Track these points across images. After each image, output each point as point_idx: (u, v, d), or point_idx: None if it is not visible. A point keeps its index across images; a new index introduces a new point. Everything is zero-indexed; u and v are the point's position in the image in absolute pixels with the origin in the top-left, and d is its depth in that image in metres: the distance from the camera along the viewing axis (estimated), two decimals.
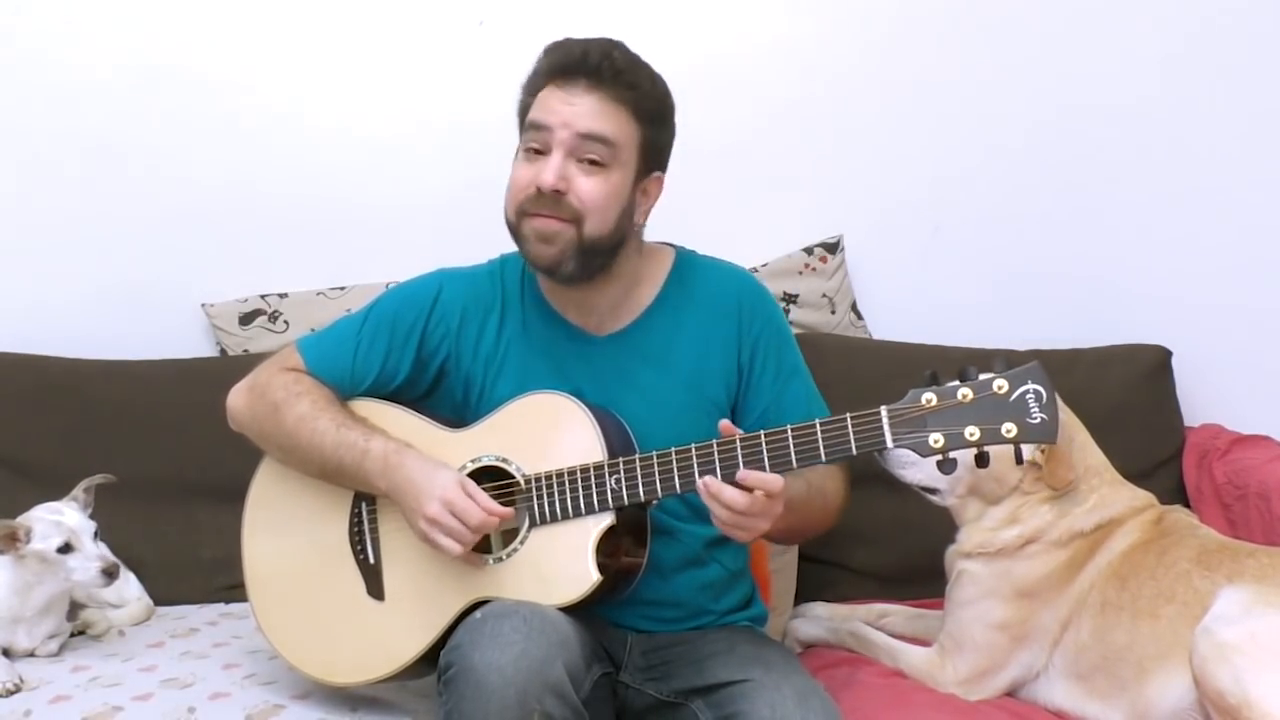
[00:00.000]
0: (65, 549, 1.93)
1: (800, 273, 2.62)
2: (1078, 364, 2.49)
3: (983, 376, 1.49)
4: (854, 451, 1.53)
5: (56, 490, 2.06)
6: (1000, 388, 1.48)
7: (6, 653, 1.95)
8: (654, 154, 1.74)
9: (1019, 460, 1.58)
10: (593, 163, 1.67)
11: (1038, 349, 2.51)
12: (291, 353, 1.82)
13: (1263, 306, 2.68)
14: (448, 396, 1.82)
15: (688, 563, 1.77)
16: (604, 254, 1.71)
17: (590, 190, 1.67)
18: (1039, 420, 1.46)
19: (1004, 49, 2.67)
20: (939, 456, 1.50)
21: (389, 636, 1.71)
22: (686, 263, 1.85)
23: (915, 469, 1.95)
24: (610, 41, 1.71)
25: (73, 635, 2.07)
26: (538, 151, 1.69)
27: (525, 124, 1.72)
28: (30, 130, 2.60)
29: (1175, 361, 2.54)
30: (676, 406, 1.75)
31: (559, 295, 1.80)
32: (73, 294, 2.59)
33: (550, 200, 1.67)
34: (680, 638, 1.76)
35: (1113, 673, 1.82)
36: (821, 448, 1.53)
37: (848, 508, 1.82)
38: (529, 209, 1.68)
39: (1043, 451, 1.89)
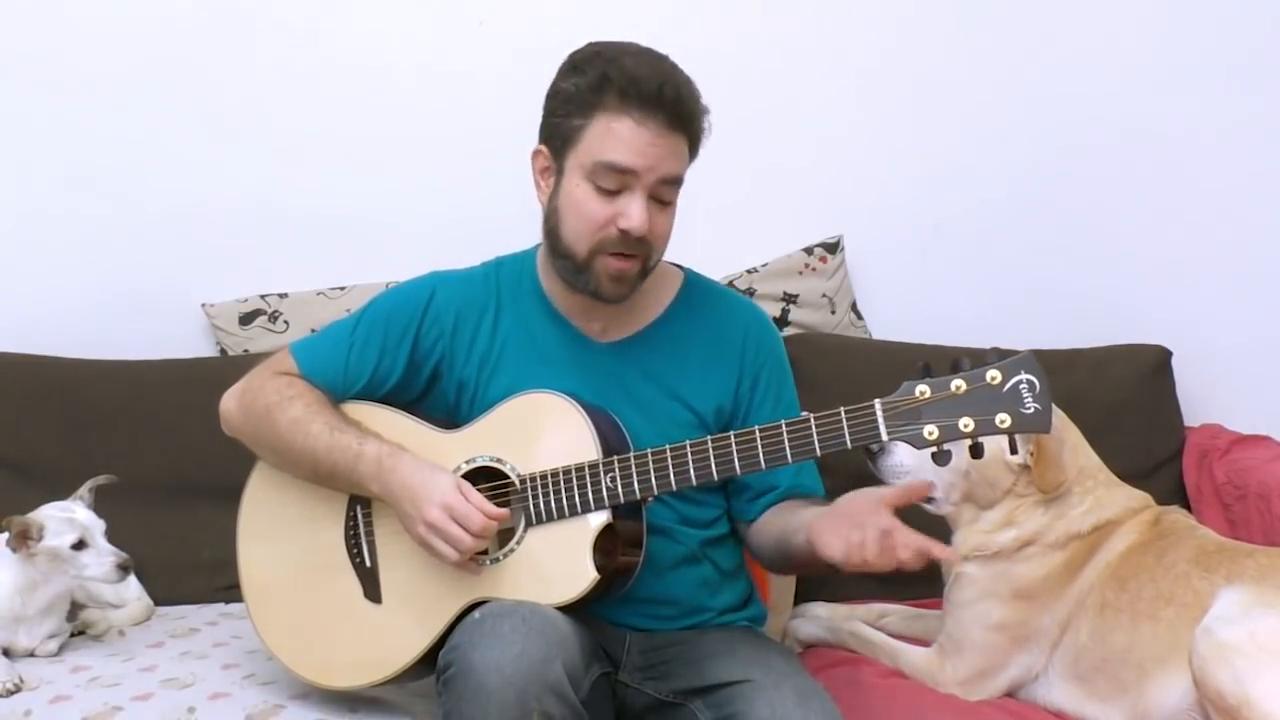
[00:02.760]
0: (79, 545, 1.94)
1: (800, 273, 2.62)
2: (1078, 364, 2.50)
3: (976, 368, 1.49)
4: (849, 444, 1.53)
5: (56, 490, 2.06)
6: (993, 378, 1.48)
7: (6, 653, 1.95)
8: (683, 174, 1.73)
9: (1013, 450, 1.58)
10: (665, 201, 1.69)
11: (1037, 349, 2.50)
12: (285, 356, 1.82)
13: (1263, 306, 2.68)
14: (441, 399, 1.82)
15: (683, 560, 1.77)
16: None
17: (663, 227, 1.70)
18: (1032, 410, 1.46)
19: (1004, 50, 2.67)
20: (934, 448, 1.50)
21: (386, 639, 1.71)
22: (695, 285, 1.86)
23: (909, 478, 1.95)
24: (672, 67, 1.67)
25: (73, 635, 2.07)
26: (612, 190, 1.65)
27: (594, 162, 1.64)
28: (30, 131, 2.60)
29: (1175, 361, 2.54)
30: (670, 421, 1.76)
31: (567, 299, 1.79)
32: (73, 294, 2.59)
33: (634, 243, 1.67)
34: (679, 637, 1.76)
35: (1112, 674, 1.82)
36: (816, 441, 1.53)
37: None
38: (607, 249, 1.68)
39: (1033, 454, 1.89)
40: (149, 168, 2.61)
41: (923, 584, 2.14)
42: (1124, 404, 2.45)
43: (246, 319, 2.58)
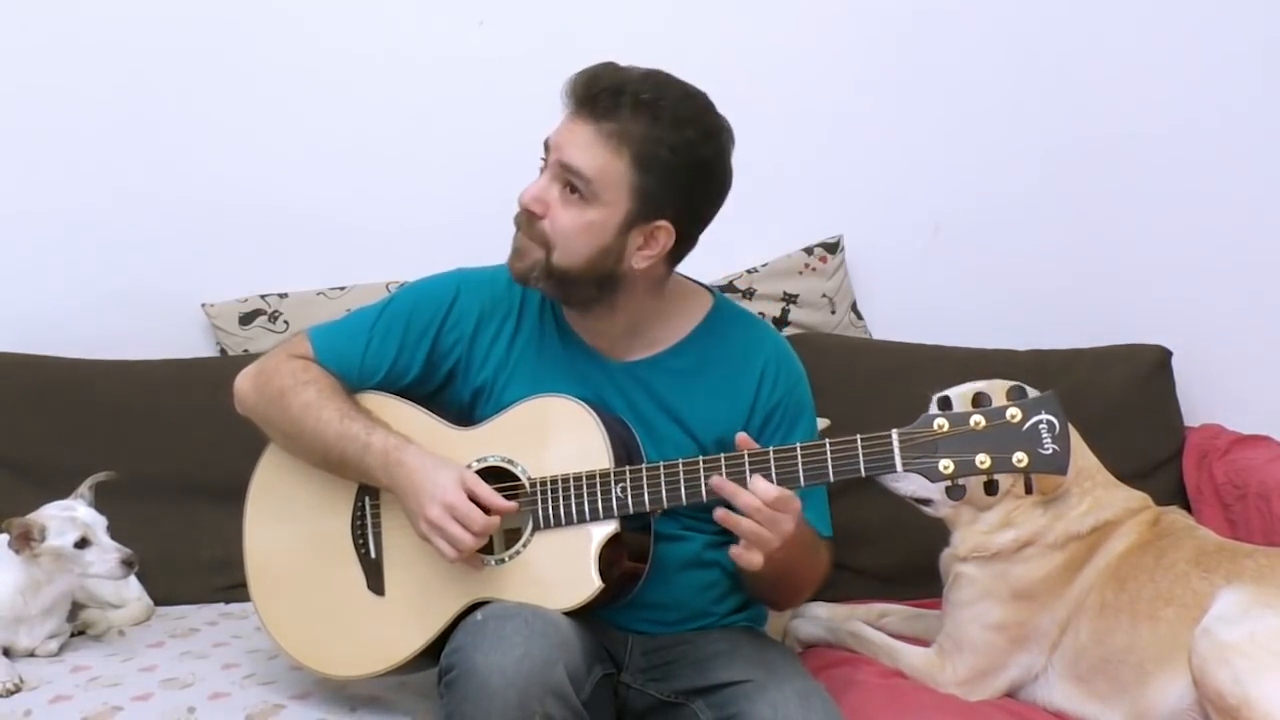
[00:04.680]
0: (82, 544, 1.94)
1: (800, 273, 2.62)
2: (1078, 364, 2.49)
3: (996, 404, 1.49)
4: (862, 473, 1.53)
5: (56, 490, 2.06)
6: (1013, 416, 1.47)
7: (7, 652, 1.95)
8: (653, 201, 1.63)
9: (1028, 490, 1.58)
10: (572, 190, 1.63)
11: (1037, 349, 2.52)
12: (302, 340, 1.81)
13: (1263, 306, 2.68)
14: (455, 398, 1.82)
15: (689, 565, 1.77)
16: (585, 286, 1.67)
17: (564, 220, 1.63)
18: (1051, 451, 1.46)
19: (1004, 49, 2.67)
20: (948, 483, 1.50)
21: (387, 632, 1.71)
22: (722, 312, 1.83)
23: (908, 481, 1.94)
24: (638, 74, 1.63)
25: (73, 635, 2.07)
26: (542, 170, 1.68)
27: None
28: (30, 130, 2.60)
29: (1175, 361, 2.54)
30: (675, 448, 1.73)
31: (571, 315, 1.79)
32: (73, 294, 2.59)
33: (525, 220, 1.67)
34: (681, 638, 1.76)
35: (1112, 674, 1.82)
36: (830, 467, 1.53)
37: (830, 575, 1.82)
38: (517, 222, 1.69)
39: None
40: (149, 167, 2.61)
41: (923, 584, 2.15)
42: (1124, 404, 2.45)
43: (246, 319, 2.58)
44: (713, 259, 2.16)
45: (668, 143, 1.61)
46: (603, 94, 1.60)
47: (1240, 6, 2.66)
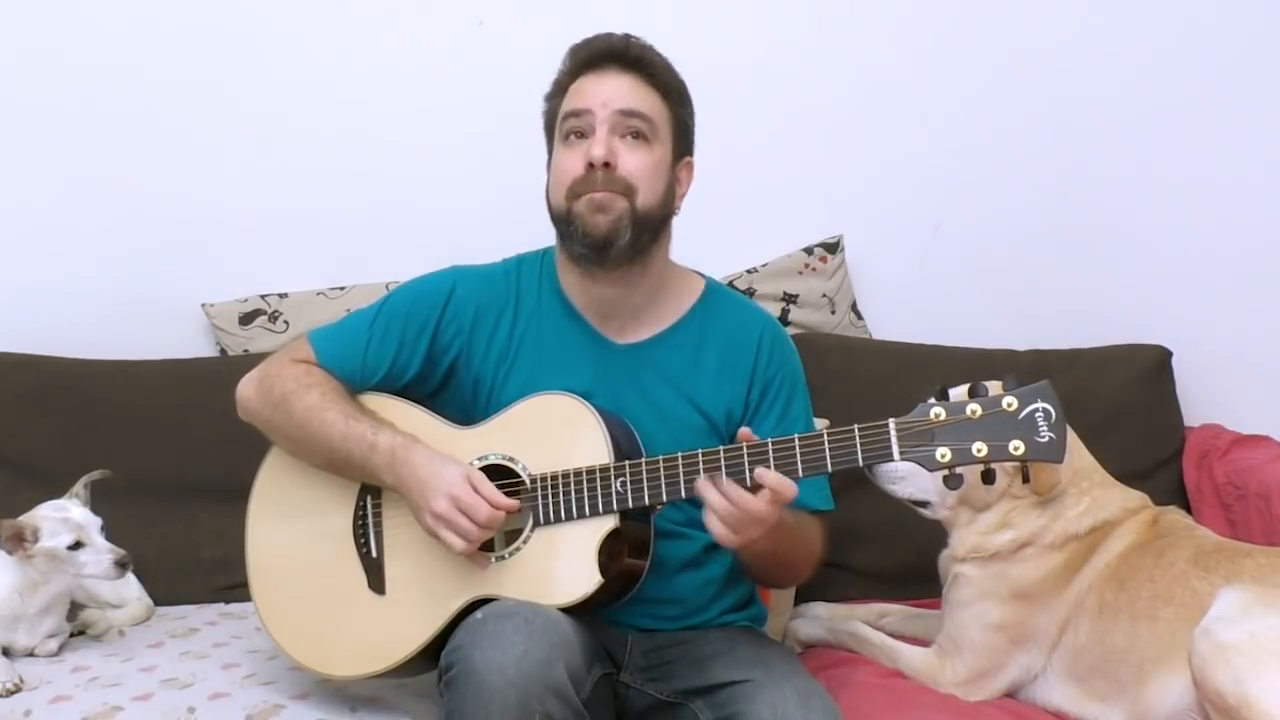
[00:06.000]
0: (76, 545, 1.94)
1: (800, 273, 2.62)
2: (1078, 364, 2.50)
3: (992, 393, 1.49)
4: (860, 463, 1.53)
5: (56, 490, 2.06)
6: (1009, 405, 1.47)
7: (6, 652, 1.95)
8: (684, 135, 1.79)
9: (1025, 479, 1.58)
10: (635, 136, 1.72)
11: (1038, 349, 2.52)
12: (303, 344, 1.82)
13: (1263, 306, 2.68)
14: (457, 395, 1.82)
15: (689, 561, 1.78)
16: (652, 230, 1.74)
17: (637, 162, 1.71)
18: (1047, 439, 1.46)
19: (1004, 49, 2.67)
20: (945, 471, 1.50)
21: (388, 631, 1.71)
22: (715, 293, 1.87)
23: (905, 483, 1.95)
24: (626, 34, 1.77)
25: (73, 635, 2.07)
26: (579, 135, 1.73)
27: (561, 118, 1.75)
28: (30, 130, 2.60)
29: (1175, 361, 2.54)
30: (684, 425, 1.76)
31: (584, 294, 1.80)
32: (73, 294, 2.58)
33: (602, 176, 1.70)
34: (680, 637, 1.76)
35: (1111, 674, 1.82)
36: (828, 457, 1.53)
37: (823, 559, 1.82)
38: (580, 189, 1.71)
39: None
40: (149, 168, 2.61)
41: (922, 584, 2.15)
42: (1124, 404, 2.45)
43: (246, 319, 2.58)
44: (713, 259, 2.16)
45: (676, 82, 1.78)
46: (629, 49, 1.74)
47: (1240, 11, 2.66)
